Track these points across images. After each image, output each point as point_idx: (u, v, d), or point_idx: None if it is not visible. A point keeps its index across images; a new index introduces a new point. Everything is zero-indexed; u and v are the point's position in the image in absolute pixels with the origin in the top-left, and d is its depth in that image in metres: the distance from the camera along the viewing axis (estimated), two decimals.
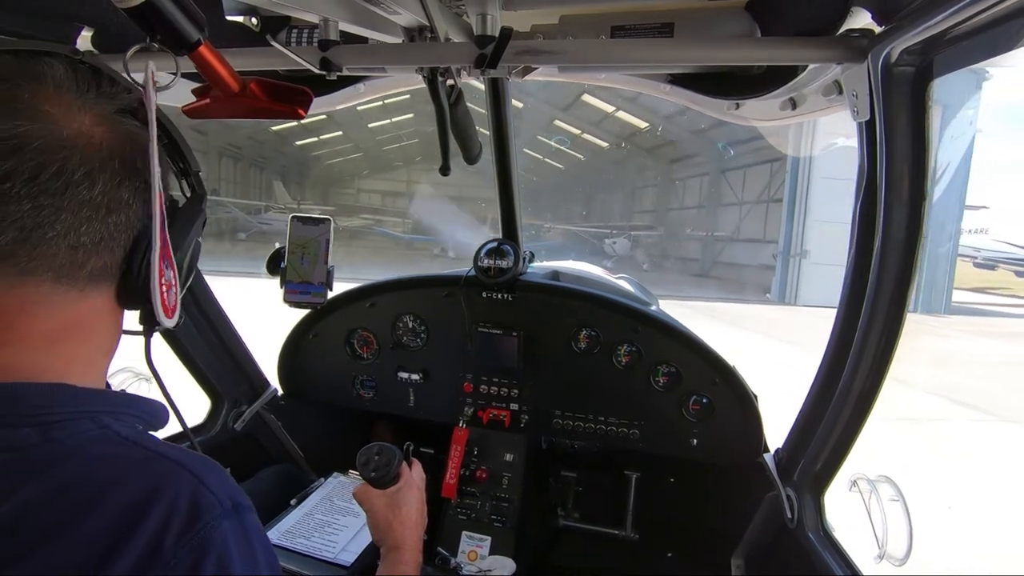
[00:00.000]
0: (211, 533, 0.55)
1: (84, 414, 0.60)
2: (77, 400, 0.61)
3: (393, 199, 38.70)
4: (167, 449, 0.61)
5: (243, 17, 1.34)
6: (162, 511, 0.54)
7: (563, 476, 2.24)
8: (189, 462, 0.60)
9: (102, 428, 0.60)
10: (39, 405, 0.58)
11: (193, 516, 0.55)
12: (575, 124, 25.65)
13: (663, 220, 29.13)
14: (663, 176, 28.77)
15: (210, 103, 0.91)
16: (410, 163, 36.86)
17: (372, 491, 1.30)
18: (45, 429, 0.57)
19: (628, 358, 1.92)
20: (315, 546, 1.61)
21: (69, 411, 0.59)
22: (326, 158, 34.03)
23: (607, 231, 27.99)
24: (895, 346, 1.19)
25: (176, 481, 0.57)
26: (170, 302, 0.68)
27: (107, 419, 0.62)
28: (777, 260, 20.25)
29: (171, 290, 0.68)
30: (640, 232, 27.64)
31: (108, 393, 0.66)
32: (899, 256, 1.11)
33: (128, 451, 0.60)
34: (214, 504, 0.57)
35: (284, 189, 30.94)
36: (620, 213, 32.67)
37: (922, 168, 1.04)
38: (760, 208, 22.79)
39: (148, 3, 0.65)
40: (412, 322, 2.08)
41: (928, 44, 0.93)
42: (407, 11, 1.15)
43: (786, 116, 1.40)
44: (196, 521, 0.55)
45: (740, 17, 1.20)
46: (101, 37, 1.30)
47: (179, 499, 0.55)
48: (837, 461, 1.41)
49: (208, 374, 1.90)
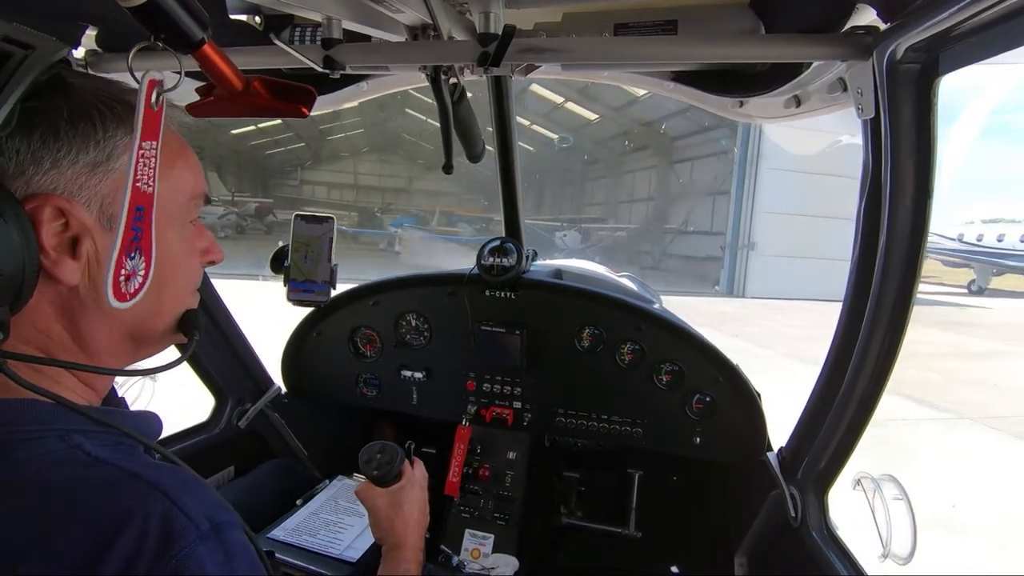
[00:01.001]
0: (185, 561, 0.52)
1: (53, 432, 0.58)
2: (47, 417, 0.59)
3: (340, 191, 37.82)
4: (140, 467, 0.58)
5: (247, 16, 1.35)
6: (132, 539, 0.51)
7: (566, 477, 2.24)
8: (162, 482, 0.56)
9: (71, 448, 0.58)
10: (4, 423, 0.56)
11: (166, 542, 0.52)
12: (524, 115, 25.15)
13: (613, 212, 28.64)
14: (615, 168, 28.36)
15: (214, 102, 0.91)
16: (356, 153, 35.86)
17: (374, 489, 1.30)
18: (6, 449, 0.55)
19: (631, 356, 1.92)
20: (320, 543, 1.63)
21: (36, 429, 0.57)
22: (266, 148, 32.68)
23: (558, 224, 27.32)
24: (900, 344, 1.18)
25: (146, 505, 0.53)
26: (128, 288, 0.64)
27: (78, 437, 0.59)
28: (725, 252, 20.14)
29: (133, 278, 0.65)
30: (591, 224, 26.98)
31: (85, 409, 0.63)
32: (904, 254, 1.10)
33: (96, 473, 0.56)
34: (188, 528, 0.53)
35: (219, 180, 29.73)
36: (572, 206, 32.12)
37: (928, 166, 1.04)
38: (709, 200, 22.56)
39: (152, 2, 0.66)
40: (415, 320, 2.08)
41: (934, 41, 0.92)
42: (410, 9, 1.15)
43: (790, 114, 1.40)
44: (169, 548, 0.52)
45: (744, 14, 1.20)
46: (105, 36, 1.31)
47: (149, 525, 0.52)
48: (841, 460, 1.40)
49: (212, 372, 1.91)
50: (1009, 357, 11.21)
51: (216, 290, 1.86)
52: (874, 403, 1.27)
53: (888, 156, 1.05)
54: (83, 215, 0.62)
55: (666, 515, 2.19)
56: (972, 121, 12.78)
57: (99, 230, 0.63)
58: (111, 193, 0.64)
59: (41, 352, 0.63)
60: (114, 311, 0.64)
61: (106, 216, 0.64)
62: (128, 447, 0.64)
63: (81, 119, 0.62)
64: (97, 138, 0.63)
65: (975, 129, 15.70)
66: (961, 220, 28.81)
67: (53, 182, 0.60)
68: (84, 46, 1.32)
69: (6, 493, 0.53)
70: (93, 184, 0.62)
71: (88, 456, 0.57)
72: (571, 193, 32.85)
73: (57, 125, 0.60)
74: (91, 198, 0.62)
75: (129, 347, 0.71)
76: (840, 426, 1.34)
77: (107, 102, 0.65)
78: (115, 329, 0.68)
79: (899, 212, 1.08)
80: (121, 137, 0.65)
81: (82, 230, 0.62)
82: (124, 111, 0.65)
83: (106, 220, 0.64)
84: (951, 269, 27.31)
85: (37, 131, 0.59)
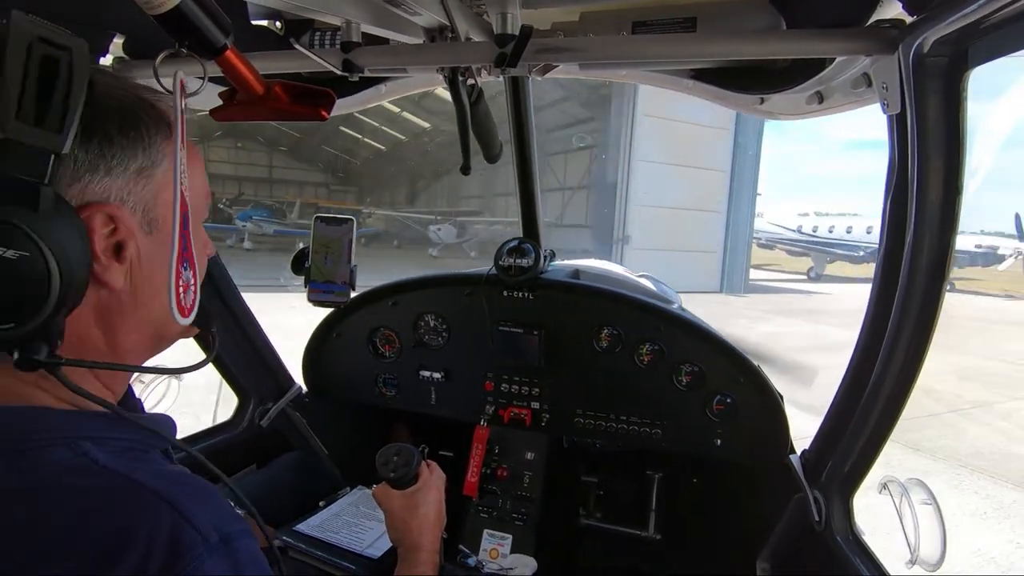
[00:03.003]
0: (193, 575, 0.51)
1: (61, 440, 0.57)
2: (56, 425, 0.58)
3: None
4: (148, 478, 0.57)
5: (267, 21, 1.37)
6: (139, 553, 0.50)
7: (585, 481, 2.23)
8: (170, 493, 0.55)
9: (79, 456, 0.57)
10: (11, 432, 0.56)
11: (172, 557, 0.51)
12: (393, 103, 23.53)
13: (490, 205, 27.27)
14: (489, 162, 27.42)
15: (235, 106, 0.93)
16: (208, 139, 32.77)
17: (391, 492, 1.31)
18: (13, 458, 0.54)
19: (650, 357, 1.90)
20: (343, 540, 1.66)
21: (44, 437, 0.57)
22: None
23: (432, 217, 25.91)
24: (927, 346, 1.15)
25: (153, 517, 0.52)
26: (186, 302, 0.67)
27: (87, 445, 0.58)
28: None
29: (188, 290, 0.68)
30: (467, 218, 25.51)
31: (96, 416, 0.63)
32: (932, 252, 1.07)
33: (103, 482, 0.56)
34: (196, 541, 0.52)
35: None
36: (448, 198, 30.49)
37: (957, 162, 1.01)
38: (582, 193, 22.08)
39: (177, 9, 0.67)
40: (434, 321, 2.09)
41: (963, 33, 0.89)
42: (428, 11, 1.15)
43: (812, 110, 1.37)
44: (176, 562, 0.51)
45: (764, 10, 1.17)
46: (132, 44, 1.34)
47: (156, 539, 0.51)
48: (867, 463, 1.37)
49: (235, 371, 1.95)
50: None
51: (238, 292, 1.90)
52: (902, 404, 1.23)
53: (915, 152, 1.02)
54: (129, 220, 0.63)
55: (686, 518, 2.16)
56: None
57: (142, 234, 0.65)
58: (153, 197, 0.66)
59: (74, 355, 0.63)
60: (151, 315, 0.66)
61: (147, 220, 0.66)
62: (139, 453, 0.64)
63: (131, 125, 0.63)
64: (144, 144, 0.64)
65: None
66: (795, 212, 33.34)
67: (106, 189, 0.61)
68: (112, 53, 1.35)
69: (17, 500, 0.53)
70: (139, 190, 0.64)
71: (96, 465, 0.57)
72: (447, 185, 31.30)
73: (111, 132, 0.61)
74: (136, 203, 0.64)
75: (151, 346, 0.73)
76: (866, 428, 1.30)
77: (146, 107, 0.66)
78: (146, 330, 0.69)
79: (927, 210, 1.05)
80: (161, 142, 0.66)
81: (128, 234, 0.63)
82: (158, 114, 0.67)
83: (147, 224, 0.66)
84: (793, 258, 31.13)
85: (94, 138, 0.59)
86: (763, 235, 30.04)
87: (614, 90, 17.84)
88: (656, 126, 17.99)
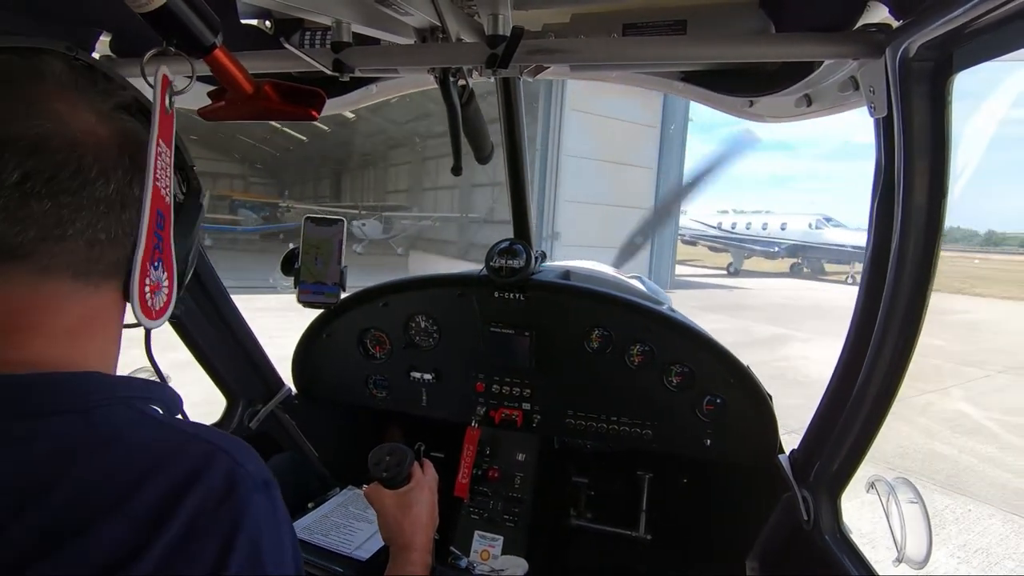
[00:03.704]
0: (244, 504, 0.59)
1: (118, 400, 0.63)
2: (110, 387, 0.63)
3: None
4: (202, 431, 0.64)
5: (257, 20, 1.36)
6: (204, 487, 0.57)
7: (575, 482, 2.23)
8: (225, 443, 0.63)
9: (138, 412, 0.63)
10: (77, 392, 0.60)
11: (228, 490, 0.58)
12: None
13: (419, 200, 26.29)
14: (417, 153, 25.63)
15: (225, 105, 0.92)
16: None
17: (383, 491, 1.31)
18: (86, 415, 0.59)
19: (641, 358, 1.91)
20: (332, 542, 1.64)
21: (105, 397, 0.62)
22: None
23: (356, 212, 24.67)
24: (914, 346, 1.16)
25: (214, 461, 0.60)
26: (154, 304, 0.69)
27: (139, 404, 0.64)
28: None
29: (159, 291, 0.68)
30: (394, 213, 24.45)
31: (133, 380, 0.68)
32: (918, 254, 1.09)
33: (166, 434, 0.62)
34: (247, 479, 0.60)
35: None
36: (374, 192, 28.97)
37: (942, 164, 1.02)
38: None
39: (165, 8, 0.66)
40: (424, 322, 2.09)
41: (948, 38, 0.91)
42: (419, 12, 1.15)
43: (801, 113, 1.38)
44: (231, 493, 0.58)
45: (754, 13, 1.18)
46: (119, 42, 1.32)
47: (216, 476, 0.59)
48: (854, 462, 1.39)
49: (223, 373, 1.93)
50: (792, 340, 11.89)
51: (227, 292, 1.88)
52: (888, 404, 1.25)
53: (902, 155, 1.04)
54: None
55: (676, 517, 2.17)
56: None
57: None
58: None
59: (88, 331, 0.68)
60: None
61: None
62: (172, 415, 0.69)
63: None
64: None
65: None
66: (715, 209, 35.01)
67: None
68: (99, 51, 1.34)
69: (95, 453, 0.57)
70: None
71: (154, 420, 0.64)
72: (374, 178, 29.83)
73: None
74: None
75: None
76: (853, 428, 1.32)
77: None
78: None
79: (913, 212, 1.06)
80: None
81: None
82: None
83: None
84: (714, 254, 32.64)
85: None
86: (687, 232, 31.23)
87: (542, 84, 17.36)
88: (585, 122, 17.63)
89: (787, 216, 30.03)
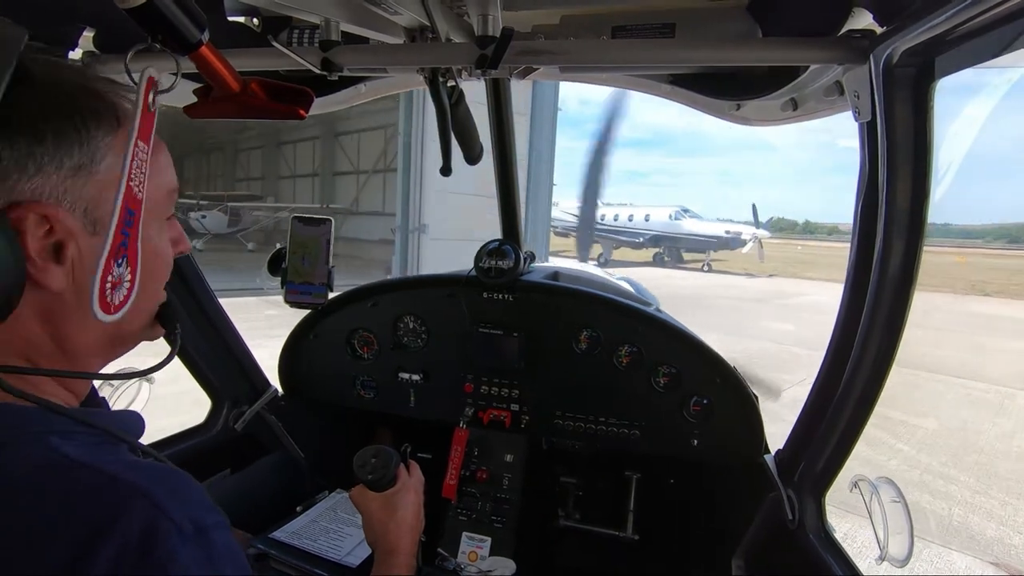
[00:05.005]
0: (168, 564, 0.51)
1: (29, 435, 0.56)
2: (21, 420, 0.57)
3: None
4: (121, 469, 0.56)
5: (244, 17, 1.35)
6: (115, 546, 0.50)
7: (563, 482, 2.23)
8: (144, 485, 0.55)
9: (49, 451, 0.56)
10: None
11: (147, 547, 0.51)
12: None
13: (275, 189, 24.30)
14: (270, 137, 23.79)
15: (211, 103, 0.91)
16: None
17: (368, 494, 1.29)
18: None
19: (629, 359, 1.92)
20: (320, 547, 1.62)
21: (11, 434, 0.56)
22: None
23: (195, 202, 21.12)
24: (897, 347, 1.18)
25: (129, 510, 0.52)
26: (114, 299, 0.63)
27: (56, 440, 0.57)
28: (396, 235, 17.59)
29: (120, 287, 0.64)
30: (242, 204, 21.50)
31: (62, 410, 0.61)
32: (901, 256, 1.11)
33: (77, 477, 0.55)
34: (171, 531, 0.52)
35: None
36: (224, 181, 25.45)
37: (925, 169, 1.04)
38: (378, 178, 19.96)
39: (150, 3, 0.65)
40: (413, 322, 2.08)
41: (930, 44, 0.92)
42: (408, 11, 1.15)
43: (787, 116, 1.40)
44: (150, 552, 0.51)
45: (741, 17, 1.20)
46: (103, 37, 1.30)
47: (132, 530, 0.51)
48: (838, 462, 1.40)
49: (209, 373, 1.90)
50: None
51: (212, 292, 1.86)
52: (872, 405, 1.27)
53: (885, 159, 1.06)
54: (68, 220, 0.60)
55: (664, 517, 2.18)
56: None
57: (83, 234, 0.62)
58: (96, 196, 0.62)
59: (24, 359, 0.62)
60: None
61: (90, 220, 0.62)
62: (110, 446, 0.63)
63: (64, 119, 0.60)
64: (81, 140, 0.60)
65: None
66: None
67: (37, 188, 0.58)
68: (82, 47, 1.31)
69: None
70: (77, 188, 0.60)
71: (67, 459, 0.56)
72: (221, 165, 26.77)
73: (40, 127, 0.57)
74: (75, 202, 0.61)
75: (109, 348, 0.70)
76: (837, 428, 1.34)
77: (90, 101, 0.63)
78: (98, 332, 0.66)
79: (896, 215, 1.08)
80: (103, 137, 0.62)
81: (66, 235, 0.60)
82: (104, 108, 0.63)
83: (90, 224, 0.62)
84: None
85: (19, 135, 0.56)
86: (559, 223, 31.27)
87: None
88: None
89: (650, 208, 31.28)
